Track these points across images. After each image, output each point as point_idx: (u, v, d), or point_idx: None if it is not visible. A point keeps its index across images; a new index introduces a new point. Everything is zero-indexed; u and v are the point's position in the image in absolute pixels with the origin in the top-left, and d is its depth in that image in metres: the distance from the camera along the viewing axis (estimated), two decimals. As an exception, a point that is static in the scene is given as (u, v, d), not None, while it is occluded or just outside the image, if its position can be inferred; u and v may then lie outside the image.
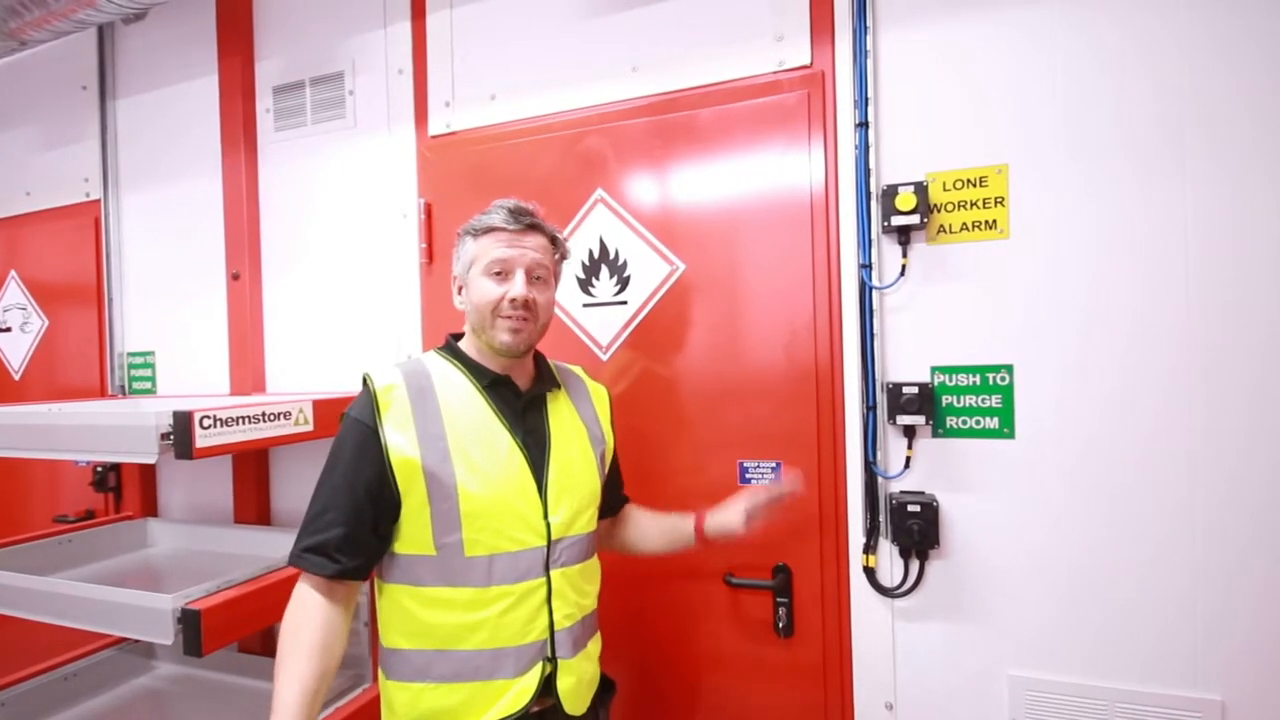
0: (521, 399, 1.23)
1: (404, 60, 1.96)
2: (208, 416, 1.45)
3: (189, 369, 2.27)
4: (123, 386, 2.37)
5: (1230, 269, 1.28)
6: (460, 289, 1.26)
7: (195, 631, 1.39)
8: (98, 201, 2.39)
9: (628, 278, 1.70)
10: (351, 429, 1.15)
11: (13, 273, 2.56)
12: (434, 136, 1.92)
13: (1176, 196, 1.31)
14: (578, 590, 1.21)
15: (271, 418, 1.61)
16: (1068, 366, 1.38)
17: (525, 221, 1.20)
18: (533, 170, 1.78)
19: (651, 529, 1.44)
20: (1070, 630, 1.38)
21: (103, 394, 2.37)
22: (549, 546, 1.17)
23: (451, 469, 1.12)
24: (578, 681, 1.19)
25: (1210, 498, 1.30)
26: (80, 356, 2.42)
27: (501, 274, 1.19)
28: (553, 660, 1.16)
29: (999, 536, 1.42)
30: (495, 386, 1.22)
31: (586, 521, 1.24)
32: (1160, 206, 1.32)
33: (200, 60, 2.23)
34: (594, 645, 1.27)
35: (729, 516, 1.34)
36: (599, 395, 1.40)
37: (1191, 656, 1.31)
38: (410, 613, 1.14)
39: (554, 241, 1.26)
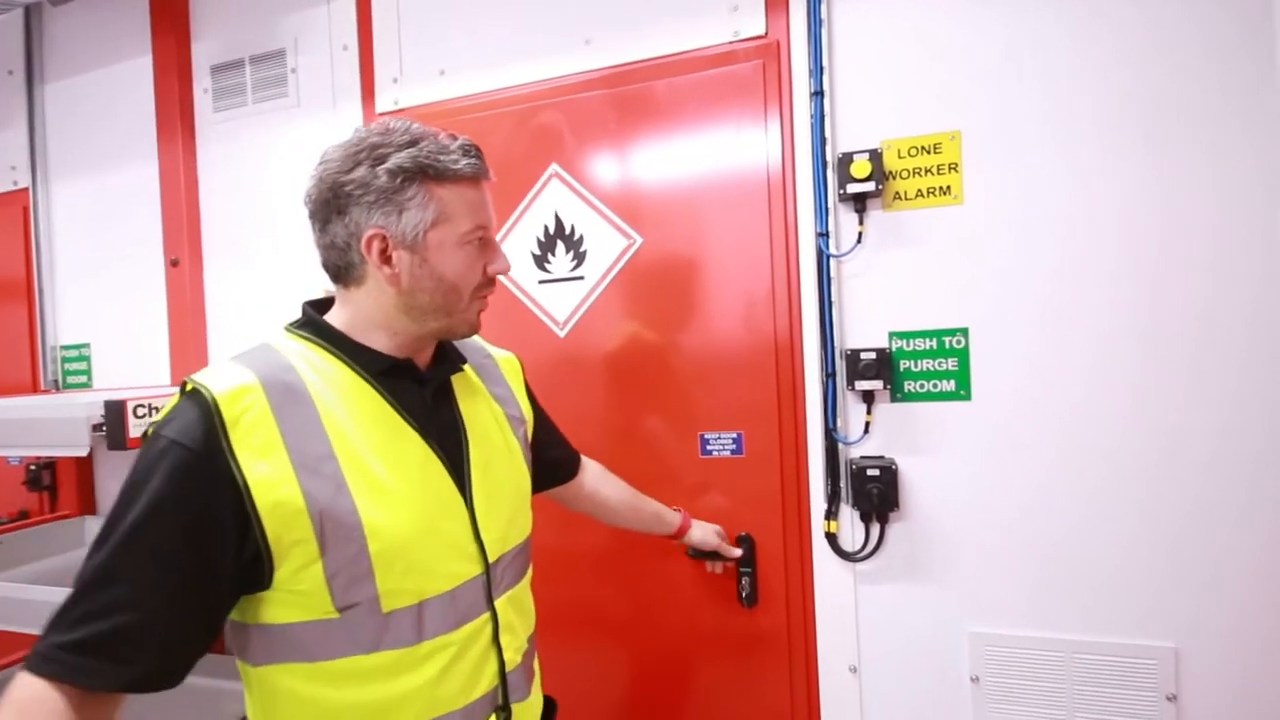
0: (426, 388, 0.94)
1: (349, 36, 1.90)
2: (141, 405, 1.40)
3: (127, 361, 2.17)
4: (56, 381, 2.26)
5: (1158, 232, 1.31)
6: (390, 254, 0.87)
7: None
8: (26, 190, 2.29)
9: (584, 253, 1.67)
10: (166, 458, 0.74)
11: (-65, 266, 2.42)
12: (382, 114, 1.87)
13: (1125, 160, 1.33)
14: (522, 612, 1.01)
15: (215, 403, 1.55)
16: (1021, 328, 1.40)
17: (486, 168, 0.95)
18: (485, 146, 1.65)
19: (625, 509, 1.36)
20: (1027, 585, 1.40)
21: (35, 389, 2.27)
22: (488, 572, 0.93)
23: (350, 501, 0.80)
24: (532, 719, 1.03)
25: (1156, 451, 1.33)
26: (10, 351, 2.32)
27: (483, 241, 0.93)
28: (505, 709, 0.94)
29: (956, 496, 1.44)
30: (390, 375, 0.91)
31: (522, 526, 1.03)
32: (1110, 170, 1.34)
33: (133, 41, 2.13)
34: (539, 670, 1.08)
35: (709, 535, 1.45)
36: (509, 366, 1.15)
37: (1145, 606, 1.34)
38: (303, 698, 0.82)
39: None
